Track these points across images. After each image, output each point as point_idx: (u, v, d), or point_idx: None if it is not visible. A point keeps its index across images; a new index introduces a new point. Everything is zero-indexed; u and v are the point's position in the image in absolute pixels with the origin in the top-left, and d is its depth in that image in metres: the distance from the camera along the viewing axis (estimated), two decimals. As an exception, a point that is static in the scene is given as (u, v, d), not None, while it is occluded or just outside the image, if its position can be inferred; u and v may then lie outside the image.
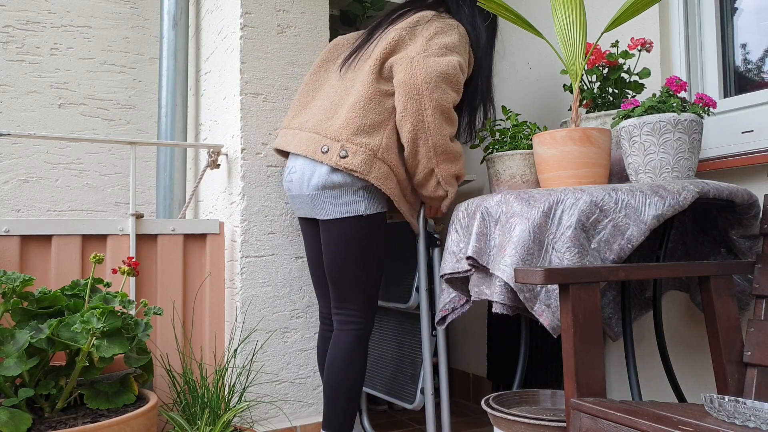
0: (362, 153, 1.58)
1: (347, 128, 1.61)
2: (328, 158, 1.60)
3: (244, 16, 1.96)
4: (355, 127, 1.60)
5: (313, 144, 1.65)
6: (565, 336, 1.11)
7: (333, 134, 1.62)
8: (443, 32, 1.66)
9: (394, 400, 1.93)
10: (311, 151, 1.64)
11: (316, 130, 1.67)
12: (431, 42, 1.63)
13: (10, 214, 2.36)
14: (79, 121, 2.49)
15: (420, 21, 1.69)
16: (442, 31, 1.66)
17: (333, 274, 1.68)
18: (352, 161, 1.58)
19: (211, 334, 1.97)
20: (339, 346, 1.67)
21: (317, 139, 1.65)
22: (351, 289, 1.68)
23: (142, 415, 1.44)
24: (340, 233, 1.65)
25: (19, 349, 1.35)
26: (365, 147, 1.59)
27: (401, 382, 1.95)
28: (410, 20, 1.70)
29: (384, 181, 1.61)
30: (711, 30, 1.74)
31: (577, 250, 1.27)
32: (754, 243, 1.46)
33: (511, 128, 1.73)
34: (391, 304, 1.97)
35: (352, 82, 1.71)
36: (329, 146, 1.61)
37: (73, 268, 1.77)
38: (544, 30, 2.18)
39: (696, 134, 1.39)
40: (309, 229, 1.81)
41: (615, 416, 0.98)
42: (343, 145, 1.60)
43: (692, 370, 1.70)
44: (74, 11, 2.49)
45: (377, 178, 1.60)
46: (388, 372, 2.03)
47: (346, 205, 1.63)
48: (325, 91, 1.79)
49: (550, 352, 2.11)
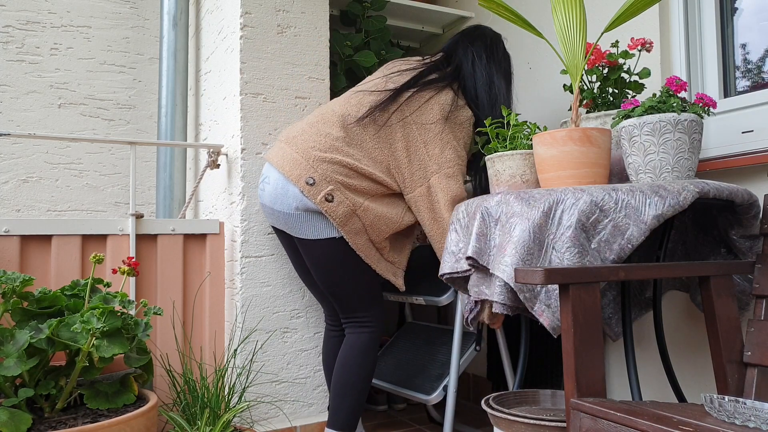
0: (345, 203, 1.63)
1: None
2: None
3: (244, 16, 1.96)
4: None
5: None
6: (565, 336, 1.11)
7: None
8: (456, 138, 1.76)
9: (410, 392, 1.94)
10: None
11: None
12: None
13: (10, 214, 2.36)
14: (79, 121, 2.49)
15: (442, 109, 1.75)
16: (455, 136, 1.76)
17: (330, 290, 1.71)
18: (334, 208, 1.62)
19: (211, 334, 1.97)
20: (352, 346, 1.71)
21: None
22: (354, 300, 1.71)
23: (142, 415, 1.44)
24: (320, 254, 1.66)
25: (19, 349, 1.35)
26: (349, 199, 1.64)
27: (424, 378, 1.97)
28: (434, 106, 1.74)
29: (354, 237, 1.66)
30: (711, 30, 1.74)
31: (577, 250, 1.27)
32: (754, 243, 1.46)
33: (511, 128, 1.73)
34: (424, 298, 1.99)
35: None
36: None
37: (73, 268, 1.77)
38: (544, 30, 2.18)
39: (696, 134, 1.39)
40: (285, 240, 1.82)
41: (615, 416, 0.98)
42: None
43: (692, 370, 1.70)
44: (74, 11, 2.49)
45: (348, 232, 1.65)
46: (414, 370, 2.06)
47: (318, 228, 1.65)
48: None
49: (550, 352, 2.11)
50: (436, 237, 1.73)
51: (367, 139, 1.69)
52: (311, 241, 1.66)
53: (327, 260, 1.66)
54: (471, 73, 1.82)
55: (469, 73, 1.82)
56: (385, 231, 1.70)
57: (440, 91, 1.77)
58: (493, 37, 1.90)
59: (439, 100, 1.75)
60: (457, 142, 1.75)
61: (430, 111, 1.73)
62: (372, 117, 1.70)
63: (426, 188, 1.72)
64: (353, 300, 1.70)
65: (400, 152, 1.71)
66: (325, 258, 1.66)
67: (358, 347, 1.70)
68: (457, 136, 1.76)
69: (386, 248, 1.72)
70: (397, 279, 1.78)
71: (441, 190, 1.71)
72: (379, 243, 1.70)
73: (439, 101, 1.75)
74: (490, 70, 1.82)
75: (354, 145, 1.68)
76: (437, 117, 1.73)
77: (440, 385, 1.86)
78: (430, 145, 1.72)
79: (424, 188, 1.71)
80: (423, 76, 1.79)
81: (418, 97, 1.74)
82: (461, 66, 1.83)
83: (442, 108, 1.74)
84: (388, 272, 1.75)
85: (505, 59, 1.89)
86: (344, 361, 1.70)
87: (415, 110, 1.72)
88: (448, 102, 1.75)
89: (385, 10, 2.46)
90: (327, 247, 1.65)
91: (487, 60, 1.83)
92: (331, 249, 1.65)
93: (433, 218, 1.72)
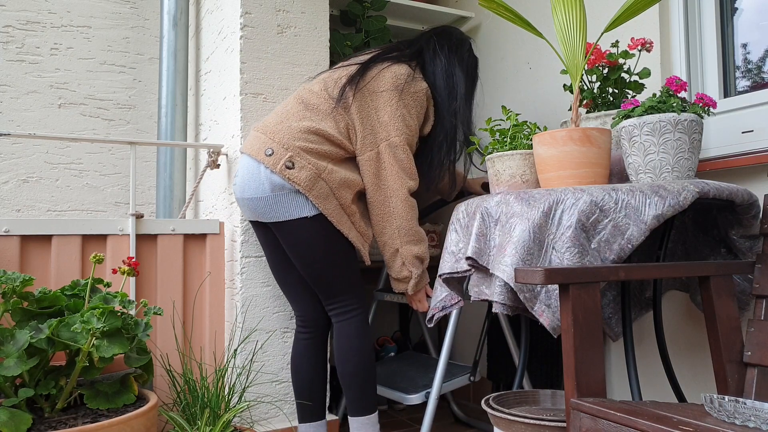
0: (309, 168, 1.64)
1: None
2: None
3: (244, 16, 1.96)
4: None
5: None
6: (565, 336, 1.11)
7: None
8: (407, 107, 1.77)
9: (391, 391, 1.95)
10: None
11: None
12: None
13: (10, 214, 2.36)
14: (79, 121, 2.49)
15: (396, 78, 1.77)
16: (406, 105, 1.77)
17: (310, 276, 1.71)
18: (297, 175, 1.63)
19: (211, 334, 1.97)
20: (345, 336, 1.71)
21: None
22: (335, 284, 1.71)
23: (142, 415, 1.44)
24: (297, 235, 1.67)
25: (19, 349, 1.35)
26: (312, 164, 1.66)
27: (409, 383, 1.98)
28: (387, 74, 1.77)
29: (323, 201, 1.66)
30: (711, 30, 1.74)
31: (577, 250, 1.27)
32: (754, 243, 1.46)
33: (511, 128, 1.73)
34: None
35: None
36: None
37: (73, 268, 1.77)
38: (544, 30, 2.18)
39: (696, 134, 1.39)
40: (262, 235, 1.81)
41: (615, 416, 0.98)
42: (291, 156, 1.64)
43: (692, 370, 1.70)
44: (74, 11, 2.49)
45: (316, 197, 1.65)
46: (401, 377, 2.08)
47: (289, 208, 1.65)
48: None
49: (550, 352, 2.11)
50: (377, 204, 1.75)
51: (326, 108, 1.73)
52: (285, 223, 1.66)
53: (304, 241, 1.66)
54: (431, 58, 1.86)
55: (429, 57, 1.86)
56: (350, 193, 1.72)
57: (396, 63, 1.81)
58: (459, 35, 1.94)
59: (393, 69, 1.78)
60: (407, 110, 1.77)
61: (383, 79, 1.76)
62: (343, 94, 1.74)
63: (375, 153, 1.74)
64: (335, 282, 1.70)
65: (354, 115, 1.74)
66: (302, 239, 1.66)
67: (351, 335, 1.70)
68: (408, 104, 1.77)
69: (356, 214, 1.74)
70: (364, 251, 1.79)
71: (389, 156, 1.73)
72: (348, 207, 1.71)
73: (393, 70, 1.78)
74: (451, 60, 1.86)
75: (312, 110, 1.72)
76: (389, 85, 1.76)
77: (423, 391, 1.87)
78: (380, 111, 1.75)
79: (373, 153, 1.74)
80: (384, 52, 1.84)
81: (374, 67, 1.78)
82: (422, 50, 1.88)
83: (395, 77, 1.77)
84: (358, 242, 1.76)
85: (470, 58, 1.92)
86: (343, 353, 1.70)
87: (370, 80, 1.76)
88: (403, 73, 1.78)
89: (385, 10, 2.46)
90: (301, 227, 1.65)
91: (448, 51, 1.87)
92: (306, 229, 1.66)
93: (377, 184, 1.74)
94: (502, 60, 2.43)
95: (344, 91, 1.73)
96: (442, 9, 2.51)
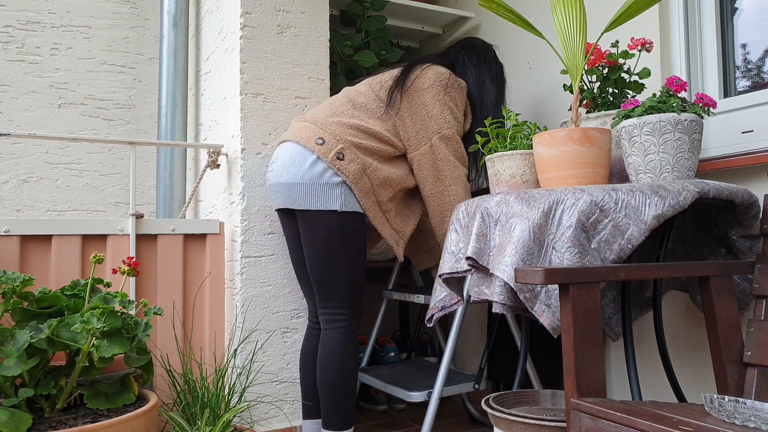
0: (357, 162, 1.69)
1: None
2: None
3: (244, 16, 1.96)
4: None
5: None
6: (565, 336, 1.11)
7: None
8: (453, 101, 1.86)
9: (393, 387, 1.95)
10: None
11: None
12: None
13: (10, 214, 2.36)
14: (79, 121, 2.49)
15: (439, 75, 1.85)
16: (452, 99, 1.86)
17: (315, 272, 1.70)
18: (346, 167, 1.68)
19: (211, 334, 1.97)
20: (328, 345, 1.69)
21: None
22: (334, 287, 1.70)
23: (142, 415, 1.44)
24: (320, 227, 1.68)
25: (19, 349, 1.35)
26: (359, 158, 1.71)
27: (412, 383, 1.98)
28: (429, 72, 1.85)
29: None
30: (711, 30, 1.74)
31: (577, 250, 1.27)
32: (754, 243, 1.46)
33: (511, 128, 1.73)
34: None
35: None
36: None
37: (73, 268, 1.77)
38: (544, 30, 2.18)
39: (696, 134, 1.39)
40: (287, 224, 1.83)
41: (615, 416, 0.98)
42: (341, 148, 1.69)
43: (692, 370, 1.70)
44: (74, 11, 2.49)
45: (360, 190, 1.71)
46: (405, 376, 2.07)
47: (322, 199, 1.68)
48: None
49: (550, 352, 2.11)
50: (436, 195, 1.83)
51: (374, 107, 1.80)
52: (312, 213, 1.67)
53: (322, 234, 1.67)
54: (462, 72, 1.95)
55: (460, 71, 1.95)
56: (389, 191, 1.77)
57: (437, 64, 1.89)
58: (483, 45, 2.02)
59: (434, 68, 1.86)
60: (454, 104, 1.85)
61: (426, 77, 1.84)
62: (392, 97, 1.81)
63: (429, 147, 1.81)
64: (334, 287, 1.70)
65: (404, 113, 1.80)
66: (321, 231, 1.68)
67: (334, 345, 1.69)
68: (455, 98, 1.85)
69: (391, 211, 1.79)
70: (399, 248, 1.83)
71: (444, 147, 1.81)
72: (385, 204, 1.76)
73: (435, 69, 1.86)
74: (481, 71, 1.95)
75: (360, 109, 1.78)
76: (434, 81, 1.83)
77: (426, 390, 1.87)
78: (429, 106, 1.81)
79: (427, 146, 1.81)
80: (420, 58, 1.93)
81: (416, 68, 1.86)
82: (453, 65, 1.96)
83: (438, 74, 1.85)
84: (392, 239, 1.80)
85: (497, 65, 2.00)
86: (323, 361, 1.69)
87: (415, 79, 1.83)
88: (444, 71, 1.86)
89: (385, 10, 2.46)
90: (327, 220, 1.67)
91: (477, 62, 1.95)
92: (330, 222, 1.67)
93: (436, 176, 1.81)
94: (502, 60, 2.43)
95: (392, 93, 1.80)
96: (442, 9, 2.51)
